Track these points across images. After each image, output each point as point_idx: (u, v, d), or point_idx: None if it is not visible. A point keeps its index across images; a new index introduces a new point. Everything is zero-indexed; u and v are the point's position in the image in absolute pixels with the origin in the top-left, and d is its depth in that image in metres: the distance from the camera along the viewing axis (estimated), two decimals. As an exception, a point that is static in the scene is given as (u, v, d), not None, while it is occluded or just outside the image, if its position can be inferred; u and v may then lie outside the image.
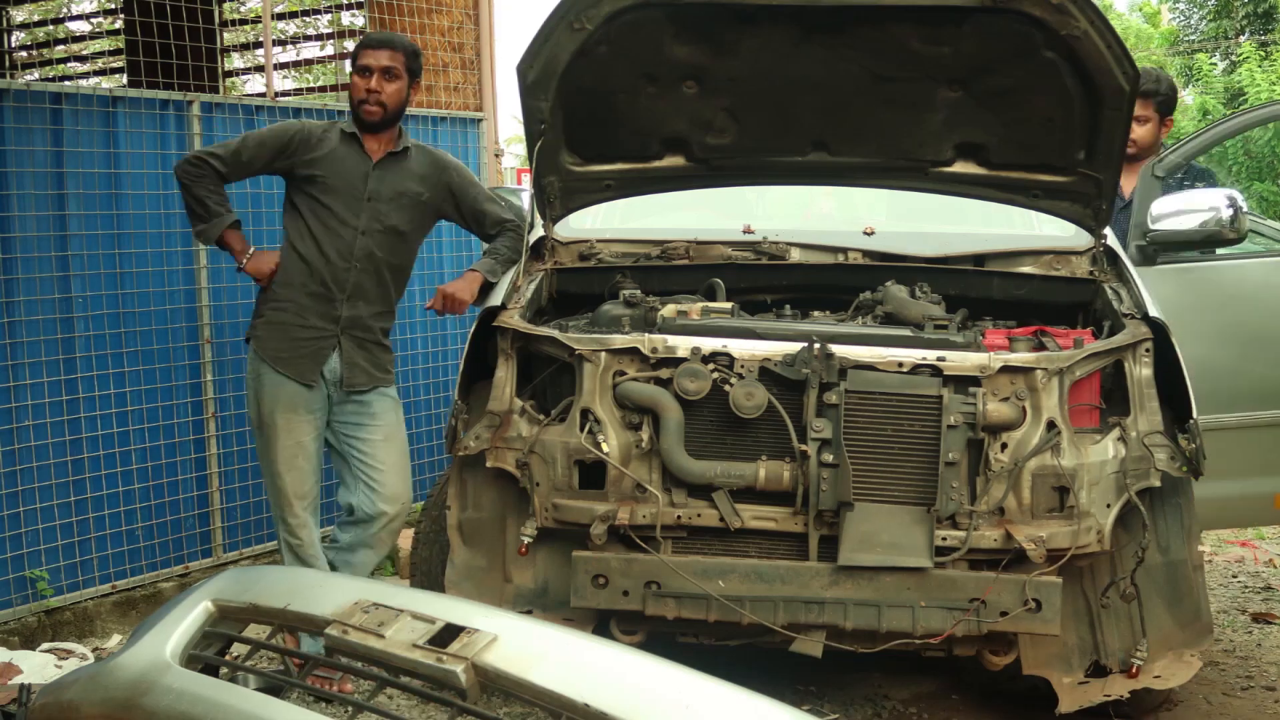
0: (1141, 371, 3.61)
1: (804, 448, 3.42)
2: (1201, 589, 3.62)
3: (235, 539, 5.45)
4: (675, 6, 3.78)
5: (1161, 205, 4.46)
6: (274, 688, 2.01)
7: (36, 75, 11.75)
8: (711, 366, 3.51)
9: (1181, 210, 4.40)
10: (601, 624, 3.57)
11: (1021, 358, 3.53)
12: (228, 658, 2.10)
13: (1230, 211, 4.32)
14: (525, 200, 4.69)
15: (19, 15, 12.39)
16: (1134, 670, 3.55)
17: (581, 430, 3.53)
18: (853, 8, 3.75)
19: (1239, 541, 6.18)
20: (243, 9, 12.35)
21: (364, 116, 4.24)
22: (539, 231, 4.33)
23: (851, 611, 3.40)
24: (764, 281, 4.26)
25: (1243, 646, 4.74)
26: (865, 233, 4.51)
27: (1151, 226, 4.46)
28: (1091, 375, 3.62)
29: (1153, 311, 3.72)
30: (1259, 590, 5.53)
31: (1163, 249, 4.53)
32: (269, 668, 2.65)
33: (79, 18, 14.68)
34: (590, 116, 4.13)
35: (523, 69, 3.86)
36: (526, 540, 3.58)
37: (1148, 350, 3.62)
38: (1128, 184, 4.74)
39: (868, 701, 4.03)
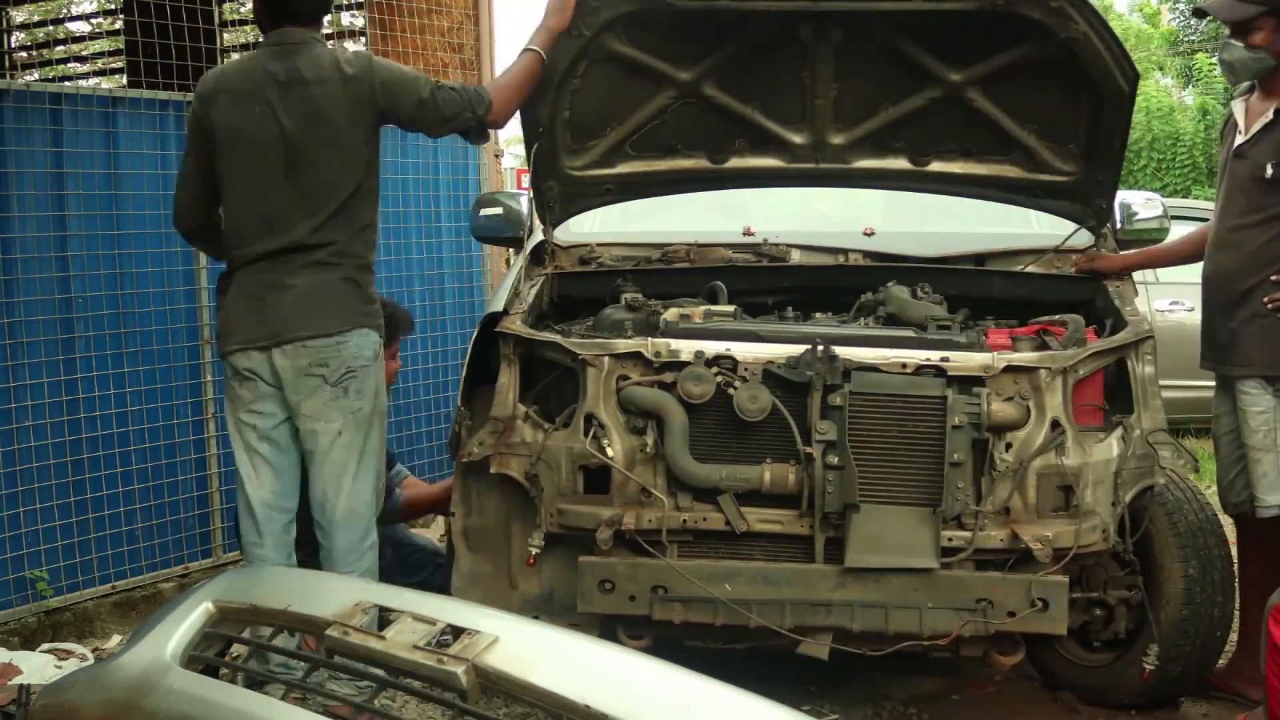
0: (1144, 369, 3.60)
1: (809, 450, 3.41)
2: None
3: (235, 539, 5.43)
4: (672, 11, 3.78)
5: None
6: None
7: (36, 75, 11.74)
8: (715, 370, 3.50)
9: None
10: (608, 629, 3.56)
11: (1025, 357, 3.52)
12: (228, 659, 2.09)
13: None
14: (524, 204, 4.69)
15: (19, 15, 12.37)
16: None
17: (586, 435, 3.52)
18: (851, 11, 3.75)
19: (1240, 542, 6.16)
20: (242, 9, 12.33)
21: None
22: (539, 236, 4.33)
23: (858, 613, 3.39)
24: (765, 284, 4.25)
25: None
26: (865, 233, 4.51)
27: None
28: (1095, 374, 3.62)
29: None
30: (1260, 591, 5.52)
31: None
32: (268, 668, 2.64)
33: (79, 18, 14.67)
34: (588, 121, 4.13)
35: None
36: (534, 551, 3.57)
37: (1150, 348, 3.62)
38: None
39: (867, 702, 4.01)
